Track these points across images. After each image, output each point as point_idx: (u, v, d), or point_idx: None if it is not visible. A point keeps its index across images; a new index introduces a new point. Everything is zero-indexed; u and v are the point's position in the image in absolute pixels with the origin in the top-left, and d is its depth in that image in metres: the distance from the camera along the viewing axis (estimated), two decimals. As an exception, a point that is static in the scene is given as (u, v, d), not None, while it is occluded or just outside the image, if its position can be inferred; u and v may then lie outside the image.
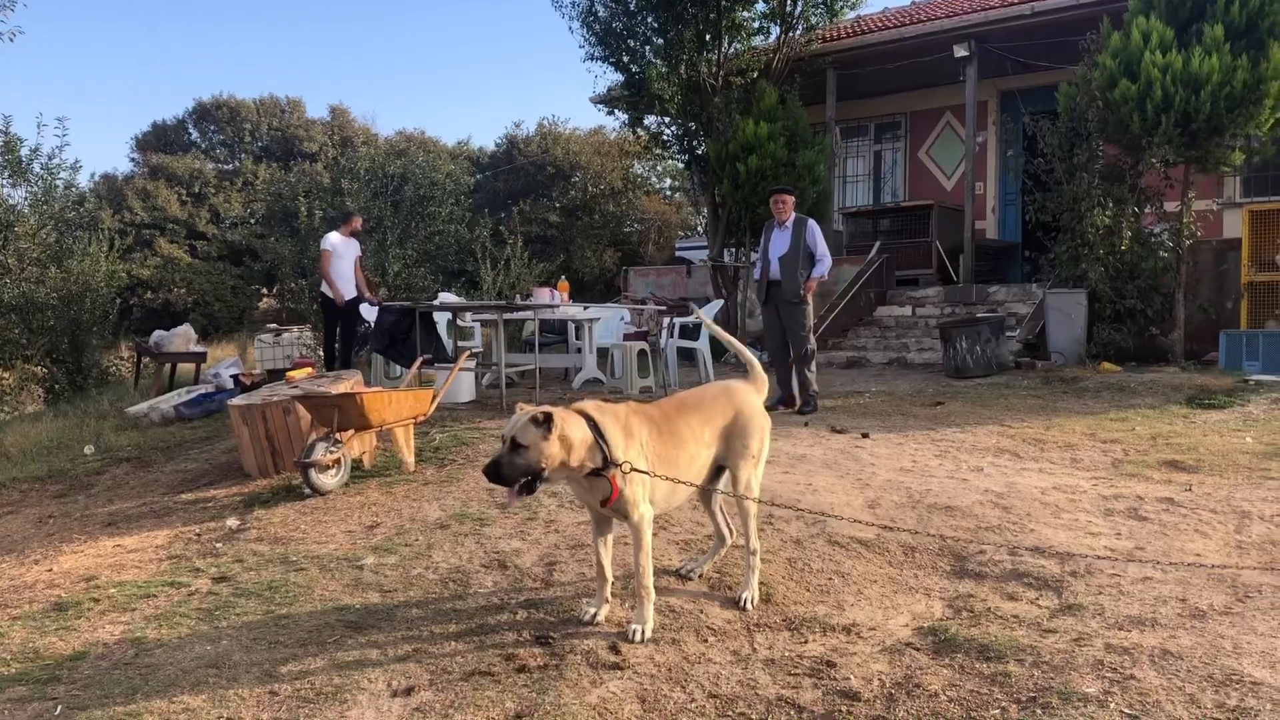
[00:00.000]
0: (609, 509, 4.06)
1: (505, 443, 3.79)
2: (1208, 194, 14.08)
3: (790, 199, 9.66)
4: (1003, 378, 11.24)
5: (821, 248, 9.49)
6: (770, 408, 9.39)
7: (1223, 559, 4.93)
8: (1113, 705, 3.44)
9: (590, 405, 4.01)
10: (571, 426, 3.84)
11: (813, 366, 9.56)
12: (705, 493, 4.67)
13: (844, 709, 3.55)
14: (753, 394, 4.57)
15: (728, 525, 4.86)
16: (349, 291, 12.14)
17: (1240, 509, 5.69)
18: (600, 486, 3.97)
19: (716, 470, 4.54)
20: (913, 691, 3.66)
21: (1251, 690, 3.50)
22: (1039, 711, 3.43)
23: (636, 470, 3.97)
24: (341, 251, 12.13)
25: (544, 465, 3.78)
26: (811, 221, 9.63)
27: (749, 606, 4.40)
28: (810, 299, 9.52)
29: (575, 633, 4.22)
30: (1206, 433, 7.86)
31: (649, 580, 4.13)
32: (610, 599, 4.31)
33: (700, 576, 4.75)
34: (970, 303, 14.58)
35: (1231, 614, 4.20)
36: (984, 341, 11.48)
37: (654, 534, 4.60)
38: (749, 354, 4.81)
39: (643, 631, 4.08)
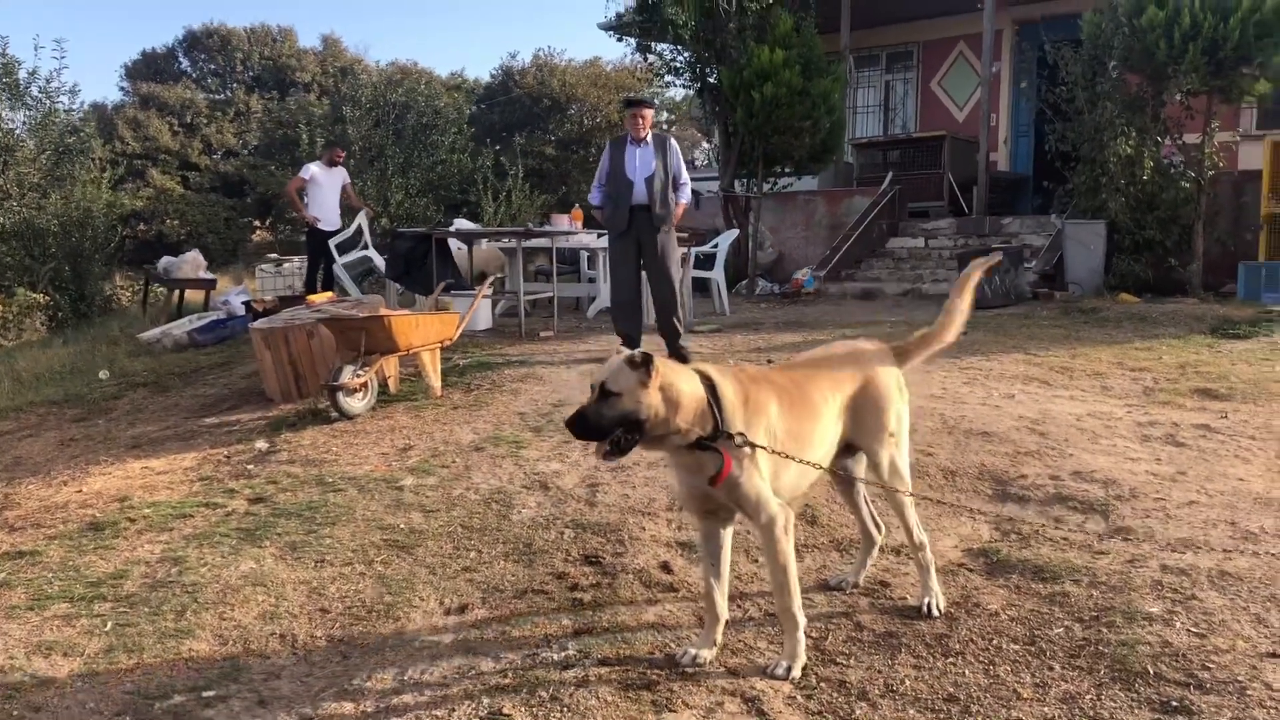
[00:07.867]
0: (721, 493, 3.21)
1: (594, 390, 3.06)
2: (1226, 126, 13.85)
3: (650, 113, 8.25)
4: (1022, 308, 11.15)
5: (684, 172, 8.13)
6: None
7: (1267, 484, 4.90)
8: (1178, 624, 3.42)
9: (710, 365, 3.31)
10: (679, 376, 3.13)
11: (683, 304, 8.51)
12: (843, 481, 3.88)
13: (904, 627, 3.52)
14: (888, 364, 3.69)
15: (875, 521, 3.93)
16: (330, 222, 12.08)
17: (1280, 435, 5.66)
18: (708, 462, 3.16)
19: (845, 452, 3.71)
20: (972, 610, 3.63)
21: (1317, 611, 3.47)
22: (1104, 630, 3.40)
23: (752, 445, 3.16)
24: (321, 181, 12.06)
25: (643, 416, 3.02)
26: (672, 140, 8.25)
27: (935, 612, 3.61)
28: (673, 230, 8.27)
29: (625, 552, 4.19)
30: (1235, 361, 7.80)
31: (792, 601, 3.25)
32: (719, 640, 3.40)
33: (855, 588, 3.88)
34: (983, 234, 14.42)
35: (1285, 537, 4.18)
36: (1003, 272, 11.37)
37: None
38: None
39: (790, 669, 3.25)
